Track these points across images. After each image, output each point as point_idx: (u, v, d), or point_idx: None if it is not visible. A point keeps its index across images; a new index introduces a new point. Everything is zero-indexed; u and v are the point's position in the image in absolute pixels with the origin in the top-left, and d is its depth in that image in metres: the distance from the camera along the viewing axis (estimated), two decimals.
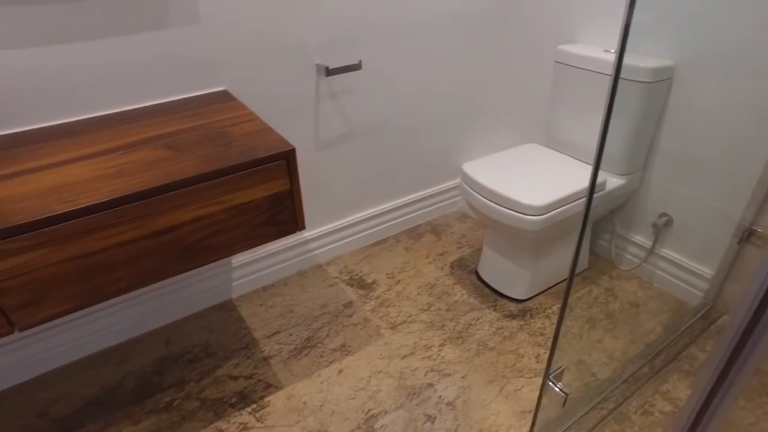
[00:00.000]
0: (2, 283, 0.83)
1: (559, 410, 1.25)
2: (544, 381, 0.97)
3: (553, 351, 0.94)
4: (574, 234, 1.62)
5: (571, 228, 1.55)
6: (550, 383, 0.96)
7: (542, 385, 0.98)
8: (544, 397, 1.00)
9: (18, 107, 1.13)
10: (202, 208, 0.96)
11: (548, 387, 0.96)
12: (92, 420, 1.31)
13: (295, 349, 1.48)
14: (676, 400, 1.30)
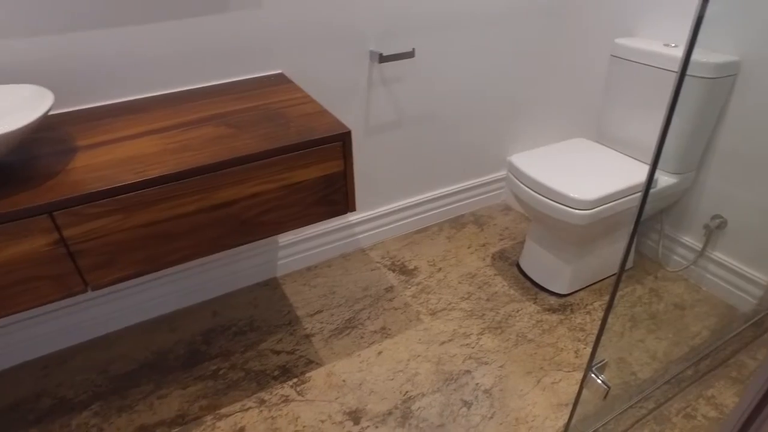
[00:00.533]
0: (80, 244, 0.90)
1: (597, 404, 1.25)
2: (587, 372, 0.98)
3: (597, 342, 0.94)
4: (619, 231, 1.59)
5: (617, 225, 1.53)
6: (593, 375, 0.96)
7: (584, 376, 0.98)
8: (585, 389, 1.00)
9: (95, 85, 1.20)
10: (260, 184, 1.01)
11: (590, 379, 0.96)
12: (146, 381, 1.39)
13: (337, 329, 1.52)
14: (721, 406, 1.27)
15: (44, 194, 0.86)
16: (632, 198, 1.44)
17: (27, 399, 1.36)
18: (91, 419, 1.30)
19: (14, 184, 0.90)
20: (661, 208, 1.66)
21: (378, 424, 1.25)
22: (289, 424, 1.26)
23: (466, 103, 1.78)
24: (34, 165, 0.96)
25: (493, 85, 1.80)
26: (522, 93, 1.88)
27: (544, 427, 1.23)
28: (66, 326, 1.49)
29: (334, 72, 1.48)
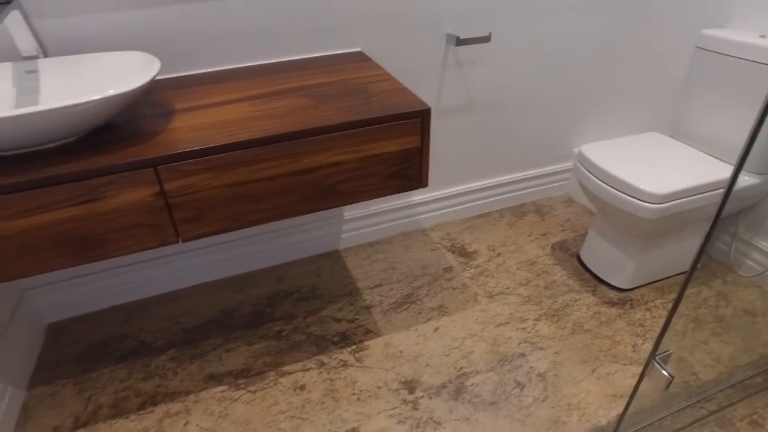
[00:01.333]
0: (176, 198, 0.98)
1: (654, 399, 1.24)
2: (649, 361, 0.98)
3: (664, 331, 0.94)
4: (688, 230, 1.55)
5: (686, 223, 1.49)
6: (657, 364, 0.96)
7: (646, 364, 0.98)
8: (646, 378, 1.00)
9: (190, 54, 1.29)
10: (340, 154, 1.06)
11: (653, 368, 0.96)
12: (215, 335, 1.49)
13: (395, 303, 1.57)
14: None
15: (150, 150, 0.94)
16: (706, 196, 1.40)
17: (113, 339, 1.49)
18: (167, 363, 1.41)
19: (123, 140, 0.98)
20: (738, 209, 1.60)
21: (432, 395, 1.29)
22: (346, 387, 1.32)
23: (537, 91, 1.77)
24: (138, 125, 1.05)
25: (567, 75, 1.78)
26: (595, 84, 1.85)
27: (597, 415, 1.24)
28: (145, 278, 1.61)
29: (410, 52, 1.51)
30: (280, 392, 1.32)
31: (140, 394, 1.34)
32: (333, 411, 1.26)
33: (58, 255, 0.97)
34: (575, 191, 2.06)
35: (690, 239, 1.59)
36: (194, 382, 1.36)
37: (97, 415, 1.29)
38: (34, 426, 1.27)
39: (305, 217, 1.69)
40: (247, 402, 1.30)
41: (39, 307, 1.53)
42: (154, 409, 1.30)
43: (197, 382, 1.36)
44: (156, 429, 1.25)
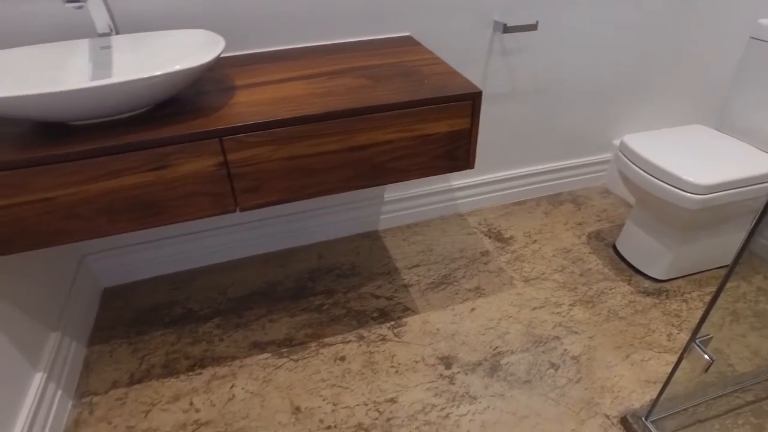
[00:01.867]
0: (237, 168, 1.03)
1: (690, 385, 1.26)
2: (689, 343, 1.00)
3: (706, 314, 0.96)
4: (729, 224, 1.55)
5: (730, 216, 1.49)
6: (697, 346, 0.98)
7: (686, 346, 1.01)
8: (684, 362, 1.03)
9: (250, 33, 1.34)
10: (394, 132, 1.10)
11: (692, 349, 0.99)
12: (258, 306, 1.56)
13: (433, 283, 1.61)
14: None
15: (215, 122, 1.00)
16: (751, 189, 1.40)
17: (163, 305, 1.58)
18: (214, 330, 1.49)
19: (189, 112, 1.04)
20: None
21: (468, 371, 1.33)
22: (385, 360, 1.37)
23: (580, 81, 1.78)
24: (202, 99, 1.10)
25: (610, 66, 1.78)
26: (639, 75, 1.84)
27: (630, 399, 1.26)
28: (192, 250, 1.68)
29: (457, 38, 1.54)
30: (321, 362, 1.38)
31: (189, 357, 1.41)
32: (372, 382, 1.32)
33: (126, 219, 1.04)
34: (612, 183, 2.06)
35: (732, 233, 1.59)
36: (239, 349, 1.43)
37: (150, 373, 1.37)
38: (95, 378, 1.36)
39: (347, 198, 1.74)
40: (290, 369, 1.36)
41: (96, 272, 1.62)
42: (202, 372, 1.37)
43: (242, 349, 1.43)
44: (204, 390, 1.32)
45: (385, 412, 1.24)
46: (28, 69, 1.08)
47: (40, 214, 0.98)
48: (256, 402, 1.28)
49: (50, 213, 0.98)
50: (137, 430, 1.23)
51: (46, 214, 0.98)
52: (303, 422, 1.23)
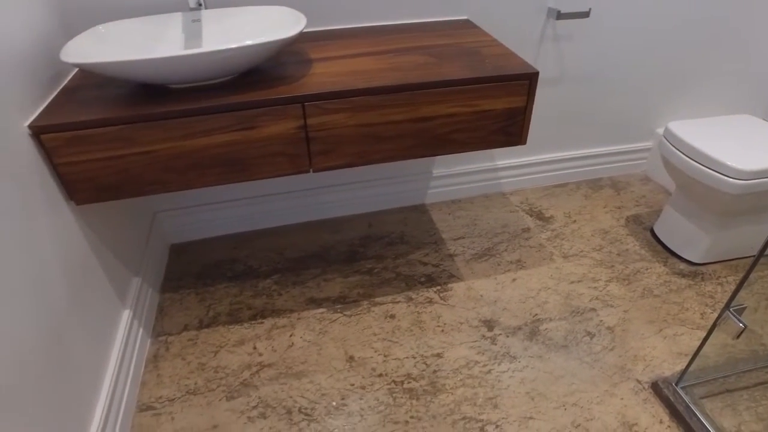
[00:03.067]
0: (315, 132, 1.15)
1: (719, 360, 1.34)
2: (723, 311, 1.08)
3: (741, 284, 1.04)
4: None
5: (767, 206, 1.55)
6: (731, 314, 1.06)
7: (720, 314, 1.09)
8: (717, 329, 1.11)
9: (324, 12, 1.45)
10: (456, 107, 1.19)
11: (726, 317, 1.07)
12: (314, 266, 1.68)
13: (477, 254, 1.71)
14: None
15: (297, 89, 1.11)
16: None
17: (225, 261, 1.72)
18: (272, 285, 1.62)
19: (272, 80, 1.16)
20: None
21: (509, 334, 1.44)
22: (432, 320, 1.48)
23: (628, 69, 1.83)
24: (283, 69, 1.22)
25: (660, 54, 1.83)
26: (688, 64, 1.88)
27: (661, 367, 1.35)
28: (254, 213, 1.82)
29: (512, 22, 1.62)
30: (372, 318, 1.50)
31: (251, 308, 1.55)
32: (420, 338, 1.43)
33: (213, 173, 1.16)
34: (652, 170, 2.11)
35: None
36: (297, 303, 1.56)
37: (216, 320, 1.51)
38: (168, 322, 1.51)
39: (397, 171, 1.84)
40: (344, 323, 1.49)
41: (165, 229, 1.77)
42: (264, 321, 1.51)
43: (299, 304, 1.56)
44: (266, 337, 1.46)
45: (431, 365, 1.36)
46: (133, 38, 1.21)
47: (142, 165, 1.11)
48: (313, 350, 1.41)
49: (151, 165, 1.11)
50: (208, 367, 1.38)
51: (147, 165, 1.11)
52: (356, 369, 1.35)
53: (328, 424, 1.23)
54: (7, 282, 0.87)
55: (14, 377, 0.85)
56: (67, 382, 1.02)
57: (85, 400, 1.09)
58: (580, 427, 1.21)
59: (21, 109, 1.00)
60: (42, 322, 0.96)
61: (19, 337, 0.88)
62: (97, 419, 1.12)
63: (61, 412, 0.99)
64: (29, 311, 0.92)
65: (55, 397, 0.97)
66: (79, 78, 1.23)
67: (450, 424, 1.22)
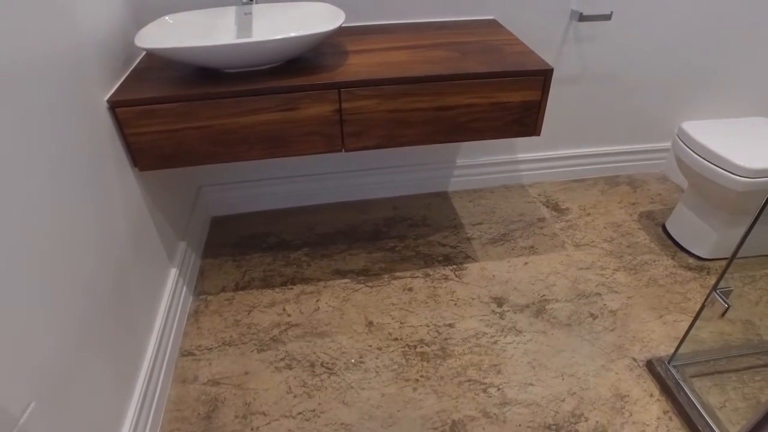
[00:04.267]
0: (348, 116, 1.29)
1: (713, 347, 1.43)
2: (710, 293, 1.18)
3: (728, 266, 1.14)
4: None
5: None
6: (716, 294, 1.16)
7: (707, 295, 1.19)
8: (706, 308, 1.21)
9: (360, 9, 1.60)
10: (475, 98, 1.32)
11: (713, 298, 1.17)
12: (341, 242, 1.83)
13: (492, 239, 1.83)
14: None
15: (334, 76, 1.26)
16: None
17: (260, 234, 1.89)
18: (302, 257, 1.78)
19: (313, 68, 1.31)
20: None
21: (516, 311, 1.56)
22: (446, 295, 1.61)
23: (649, 70, 1.92)
24: (322, 59, 1.37)
25: (680, 58, 1.90)
26: (707, 68, 1.95)
27: (657, 349, 1.45)
28: (288, 192, 1.98)
29: (536, 24, 1.73)
30: (392, 290, 1.64)
31: (282, 275, 1.71)
32: (434, 309, 1.57)
33: (258, 148, 1.32)
34: (670, 170, 2.19)
35: None
36: (324, 274, 1.71)
37: (251, 284, 1.68)
38: (208, 283, 1.68)
39: (423, 159, 1.98)
40: (366, 293, 1.63)
41: (207, 202, 1.95)
42: (293, 287, 1.66)
43: (326, 274, 1.71)
44: (295, 300, 1.61)
45: (443, 333, 1.49)
46: (194, 28, 1.38)
47: (197, 138, 1.27)
48: (336, 314, 1.56)
49: (204, 138, 1.28)
50: (242, 323, 1.54)
51: (201, 138, 1.28)
52: (374, 333, 1.50)
53: (347, 378, 1.37)
54: (86, 227, 1.04)
55: (93, 301, 1.02)
56: (127, 320, 1.20)
57: (139, 340, 1.26)
58: (576, 395, 1.32)
59: (101, 87, 1.18)
60: (111, 265, 1.14)
61: (95, 271, 1.05)
62: (149, 357, 1.29)
63: (121, 345, 1.16)
64: (103, 255, 1.10)
65: (120, 329, 1.15)
66: (146, 61, 1.40)
67: (456, 384, 1.35)
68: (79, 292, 0.99)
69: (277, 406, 1.31)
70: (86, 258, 1.03)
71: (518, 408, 1.29)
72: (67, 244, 0.96)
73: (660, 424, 1.25)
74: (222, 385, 1.37)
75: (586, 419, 1.27)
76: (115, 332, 1.13)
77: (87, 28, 1.14)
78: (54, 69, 0.98)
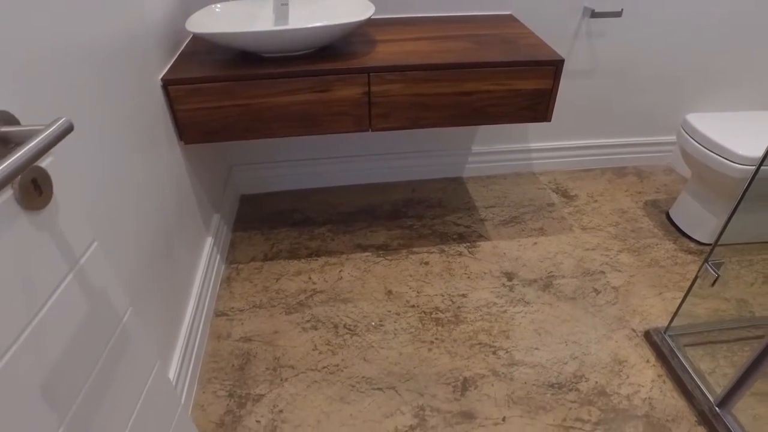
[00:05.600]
0: (375, 98, 1.42)
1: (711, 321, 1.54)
2: (702, 264, 1.29)
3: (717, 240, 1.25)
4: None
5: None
6: (708, 265, 1.27)
7: (700, 267, 1.30)
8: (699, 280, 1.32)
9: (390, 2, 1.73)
10: (492, 84, 1.44)
11: (705, 269, 1.28)
12: (362, 220, 1.97)
13: (504, 220, 1.95)
14: None
15: (364, 62, 1.39)
16: None
17: (287, 211, 2.02)
18: (326, 232, 1.91)
19: (344, 55, 1.44)
20: None
21: (525, 285, 1.68)
22: (460, 268, 1.74)
23: (658, 66, 2.02)
24: (353, 47, 1.50)
25: (689, 52, 2.00)
26: (714, 63, 2.04)
27: (656, 321, 1.56)
28: (314, 173, 2.12)
29: (551, 19, 1.84)
30: (409, 263, 1.76)
31: (308, 248, 1.84)
32: (448, 281, 1.69)
33: (292, 126, 1.45)
34: (676, 162, 2.29)
35: None
36: (346, 247, 1.84)
37: (278, 255, 1.82)
38: (239, 253, 1.82)
39: (441, 145, 2.10)
40: (385, 266, 1.76)
41: (237, 181, 2.09)
42: (318, 259, 1.80)
43: (348, 248, 1.84)
44: (319, 271, 1.75)
45: (456, 302, 1.61)
46: (237, 16, 1.51)
47: (238, 115, 1.41)
48: (358, 283, 1.69)
49: (244, 115, 1.41)
50: (270, 289, 1.68)
51: (241, 115, 1.41)
52: (393, 301, 1.63)
53: (367, 338, 1.50)
54: (145, 187, 1.18)
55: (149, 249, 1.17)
56: (172, 279, 1.34)
57: (180, 299, 1.40)
58: (577, 359, 1.44)
59: (157, 67, 1.32)
60: (161, 225, 1.28)
61: (151, 224, 1.20)
62: (188, 315, 1.43)
63: (167, 302, 1.30)
64: (156, 214, 1.24)
65: (167, 287, 1.29)
66: (191, 46, 1.54)
67: (468, 347, 1.47)
68: (141, 237, 1.13)
69: (304, 361, 1.45)
70: (144, 211, 1.17)
71: (524, 368, 1.42)
72: (134, 196, 1.10)
73: (654, 386, 1.37)
74: (253, 342, 1.50)
75: (586, 379, 1.38)
76: (163, 288, 1.27)
77: (149, 16, 1.28)
78: (125, 50, 1.12)
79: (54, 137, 0.47)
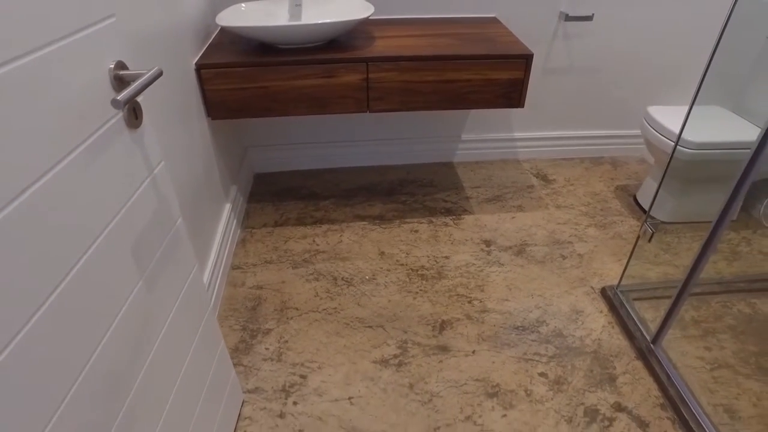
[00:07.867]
0: (373, 84, 1.68)
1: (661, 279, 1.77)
2: (643, 224, 1.53)
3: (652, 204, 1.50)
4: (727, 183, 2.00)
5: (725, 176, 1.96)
6: (647, 224, 1.52)
7: (641, 226, 1.54)
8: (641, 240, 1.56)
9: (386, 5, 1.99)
10: (471, 74, 1.70)
11: (644, 228, 1.52)
12: (361, 195, 2.23)
13: (487, 198, 2.20)
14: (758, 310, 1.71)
15: (364, 53, 1.65)
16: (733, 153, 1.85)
17: (296, 187, 2.29)
18: (329, 205, 2.18)
19: (347, 47, 1.71)
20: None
21: (501, 251, 1.93)
22: (445, 236, 1.99)
23: (626, 64, 2.27)
24: (354, 41, 1.76)
25: (653, 54, 2.25)
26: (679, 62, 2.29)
27: (612, 281, 1.80)
28: (321, 155, 2.38)
29: (531, 22, 2.10)
30: (401, 231, 2.02)
31: (312, 217, 2.11)
32: (434, 246, 1.94)
33: (304, 106, 1.72)
34: (648, 153, 2.53)
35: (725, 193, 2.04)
36: (346, 217, 2.10)
37: (287, 222, 2.08)
38: (252, 220, 2.09)
39: (433, 132, 2.36)
40: (379, 233, 2.02)
41: (252, 160, 2.36)
42: (321, 226, 2.06)
43: (348, 218, 2.10)
44: (323, 235, 2.01)
45: (440, 262, 1.87)
46: (257, 14, 1.79)
47: (257, 96, 1.68)
48: (355, 246, 1.95)
49: (262, 96, 1.68)
50: (280, 249, 1.94)
51: (261, 96, 1.68)
52: (385, 260, 1.88)
53: (361, 288, 1.76)
54: (177, 150, 1.45)
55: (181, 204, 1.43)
56: (196, 235, 1.61)
57: (202, 254, 1.67)
58: (541, 309, 1.68)
59: (192, 54, 1.59)
60: (192, 187, 1.55)
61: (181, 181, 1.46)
62: (210, 266, 1.69)
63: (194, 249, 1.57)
64: (185, 172, 1.51)
65: (191, 238, 1.56)
66: (218, 37, 1.82)
67: (447, 297, 1.73)
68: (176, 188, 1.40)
69: (307, 304, 1.71)
70: (180, 168, 1.44)
71: (494, 315, 1.66)
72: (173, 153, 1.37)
73: (604, 330, 1.61)
74: (264, 289, 1.77)
75: (547, 324, 1.63)
76: (191, 240, 1.54)
77: (188, 12, 1.55)
78: (174, 39, 1.39)
79: (152, 78, 0.73)
